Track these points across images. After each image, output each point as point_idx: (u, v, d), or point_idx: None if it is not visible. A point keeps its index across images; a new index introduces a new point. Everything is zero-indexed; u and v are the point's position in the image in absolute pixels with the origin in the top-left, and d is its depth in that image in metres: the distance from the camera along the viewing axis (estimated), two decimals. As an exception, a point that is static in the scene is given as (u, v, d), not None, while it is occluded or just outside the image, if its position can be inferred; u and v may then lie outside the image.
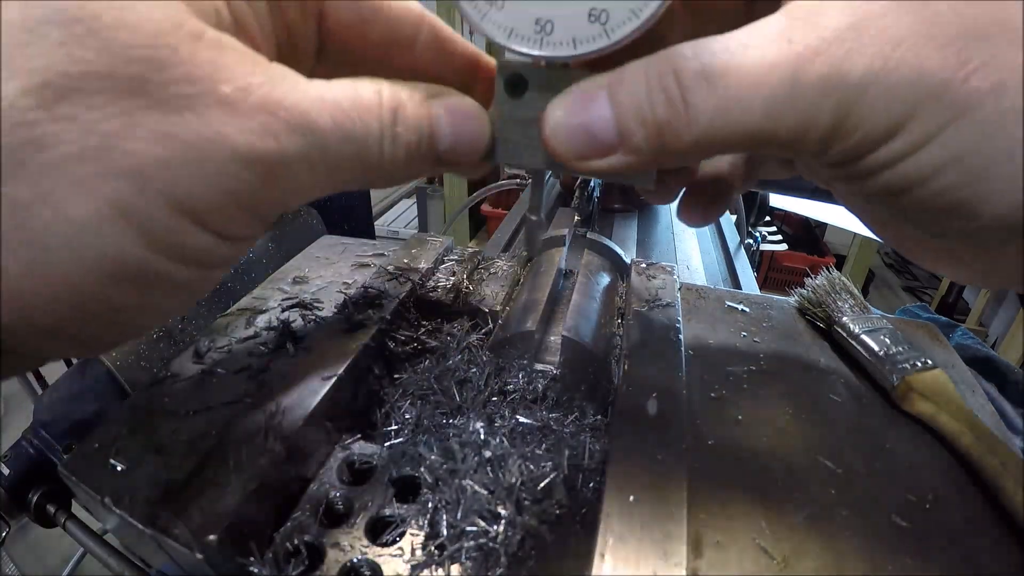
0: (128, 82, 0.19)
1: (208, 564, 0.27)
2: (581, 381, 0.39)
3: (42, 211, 0.19)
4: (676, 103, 0.24)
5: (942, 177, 0.23)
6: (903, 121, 0.23)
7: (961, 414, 0.37)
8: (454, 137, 0.27)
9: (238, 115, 0.21)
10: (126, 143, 0.19)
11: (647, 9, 0.26)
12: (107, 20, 0.19)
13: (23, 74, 0.18)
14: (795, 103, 0.23)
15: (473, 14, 0.28)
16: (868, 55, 0.22)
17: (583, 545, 0.30)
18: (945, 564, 0.30)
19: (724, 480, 0.33)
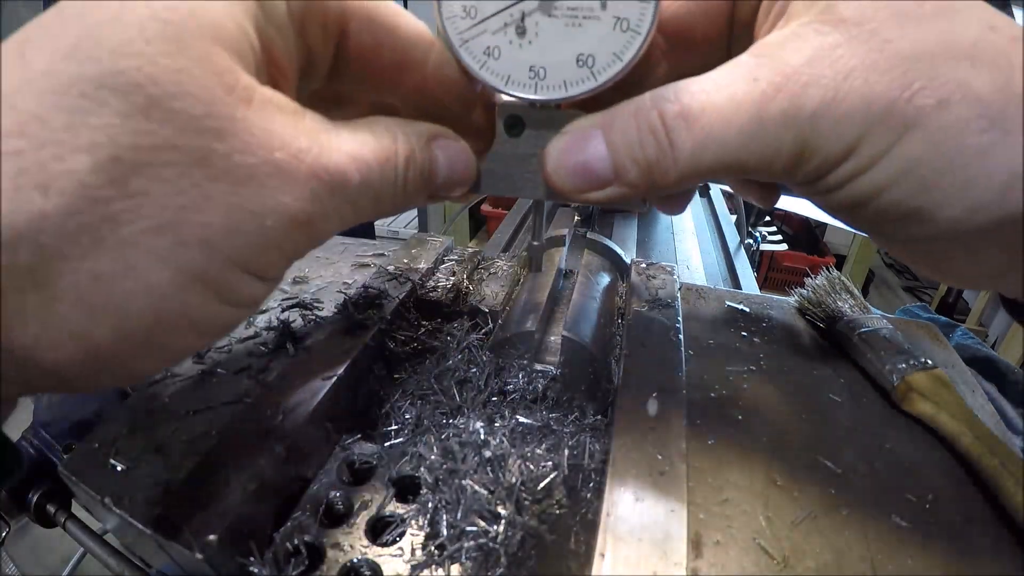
0: (194, 153, 0.20)
1: (208, 564, 0.27)
2: (581, 381, 0.39)
3: (124, 282, 0.20)
4: (663, 143, 0.27)
5: (896, 189, 0.25)
6: (855, 144, 0.25)
7: (961, 414, 0.37)
8: (448, 175, 0.30)
9: (292, 183, 0.23)
10: (197, 215, 0.21)
11: (628, 52, 0.29)
12: (166, 87, 0.20)
13: (89, 148, 0.19)
14: (761, 137, 0.26)
15: (472, 63, 0.30)
16: (822, 87, 0.25)
17: (583, 545, 0.30)
18: (945, 564, 0.30)
19: (724, 480, 0.33)
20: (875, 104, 0.24)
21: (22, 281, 0.19)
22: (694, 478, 0.33)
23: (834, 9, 0.26)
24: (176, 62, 0.20)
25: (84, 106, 0.19)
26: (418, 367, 0.40)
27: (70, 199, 0.19)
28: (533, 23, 0.30)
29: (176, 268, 0.21)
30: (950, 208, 0.25)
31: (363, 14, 0.28)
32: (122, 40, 0.20)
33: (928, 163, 0.25)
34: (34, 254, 0.19)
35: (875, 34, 0.25)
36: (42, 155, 0.19)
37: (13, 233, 0.19)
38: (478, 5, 0.30)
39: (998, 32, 0.25)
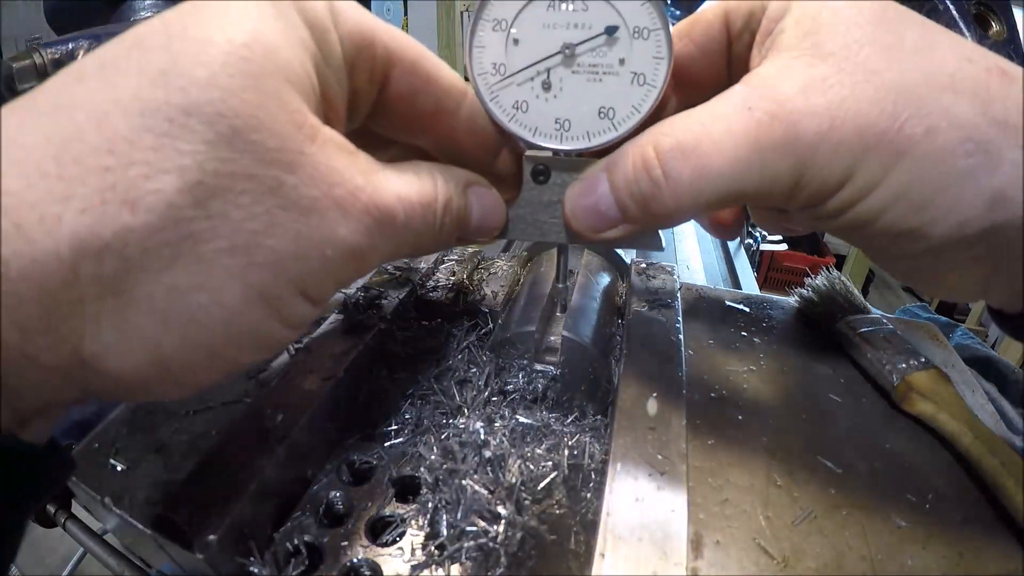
0: (267, 182, 0.22)
1: (208, 564, 0.27)
2: (581, 381, 0.39)
3: (199, 296, 0.22)
4: (657, 177, 0.29)
5: (891, 212, 0.27)
6: (851, 171, 0.27)
7: (961, 414, 0.37)
8: (480, 221, 0.32)
9: (348, 218, 0.24)
10: (268, 240, 0.22)
11: (645, 105, 0.31)
12: (247, 120, 0.22)
13: (177, 170, 0.21)
14: (759, 165, 0.27)
15: (502, 116, 0.33)
16: (816, 116, 0.26)
17: (583, 545, 0.30)
18: (945, 564, 0.30)
19: (724, 480, 0.33)
20: (867, 133, 0.26)
21: (103, 289, 0.20)
22: (694, 478, 0.33)
23: (821, 44, 0.27)
24: (255, 97, 0.22)
25: (172, 131, 0.21)
26: (418, 367, 0.40)
27: (157, 217, 0.20)
28: (558, 78, 0.32)
29: (245, 286, 0.22)
30: (942, 226, 0.27)
31: (407, 62, 0.30)
32: (208, 73, 0.21)
33: (920, 187, 0.26)
34: (117, 265, 0.20)
35: (862, 67, 0.26)
36: (131, 173, 0.20)
37: (100, 244, 0.20)
38: (507, 62, 0.32)
39: (974, 64, 0.27)
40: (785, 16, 0.30)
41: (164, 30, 0.23)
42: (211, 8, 0.23)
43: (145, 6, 0.65)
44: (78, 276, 0.20)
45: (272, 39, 0.23)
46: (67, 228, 0.20)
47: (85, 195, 0.20)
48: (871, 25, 0.27)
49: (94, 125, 0.20)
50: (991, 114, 0.26)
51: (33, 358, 0.20)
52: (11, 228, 0.19)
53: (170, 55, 0.22)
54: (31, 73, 0.50)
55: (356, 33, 0.27)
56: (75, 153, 0.20)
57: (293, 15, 0.24)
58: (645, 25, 0.31)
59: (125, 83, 0.21)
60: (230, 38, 0.22)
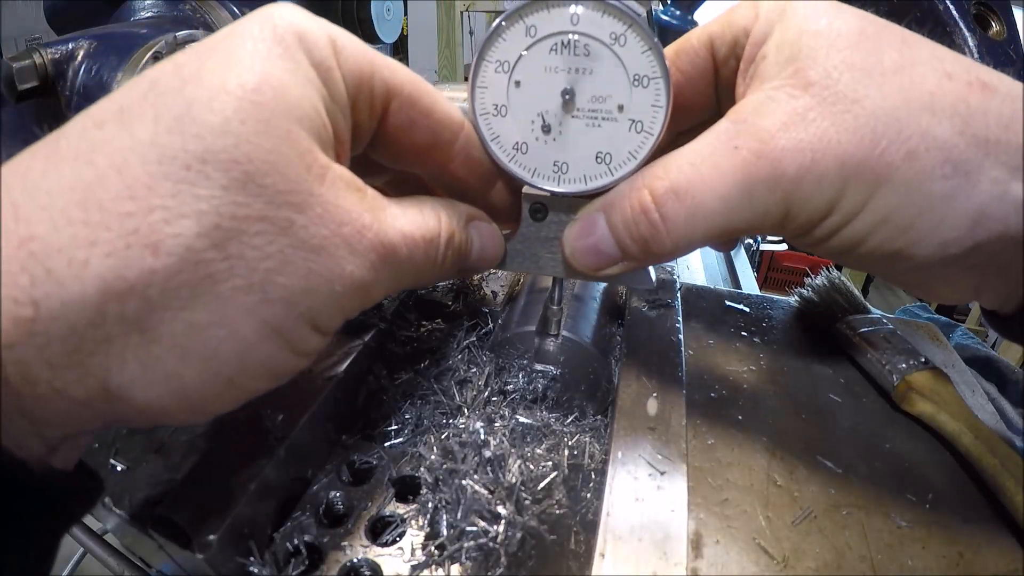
0: (280, 223, 0.23)
1: (208, 564, 0.27)
2: (581, 381, 0.39)
3: (217, 331, 0.23)
4: (655, 220, 0.30)
5: (876, 236, 0.28)
6: (835, 200, 0.28)
7: (961, 414, 0.37)
8: (480, 255, 0.34)
9: (355, 254, 0.26)
10: (280, 278, 0.24)
11: (642, 151, 0.32)
12: (259, 165, 0.23)
13: (194, 215, 0.22)
14: (748, 202, 0.28)
15: (502, 157, 0.34)
16: (799, 151, 0.27)
17: (583, 545, 0.30)
18: (945, 564, 0.30)
19: (724, 480, 0.33)
20: (848, 164, 0.27)
21: (127, 328, 0.21)
22: (694, 478, 0.33)
23: (802, 73, 0.28)
24: (267, 142, 0.23)
25: (189, 177, 0.22)
26: (418, 367, 0.40)
27: (177, 259, 0.21)
28: (557, 122, 0.33)
29: (260, 321, 0.24)
30: (926, 247, 0.28)
31: (405, 95, 0.30)
32: (221, 119, 0.22)
33: (902, 211, 0.27)
34: (141, 305, 0.21)
35: (842, 96, 0.27)
36: (152, 218, 0.21)
37: (125, 286, 0.21)
38: (508, 103, 0.33)
39: (954, 79, 0.27)
40: (767, 41, 0.31)
41: (177, 74, 0.24)
42: (222, 52, 0.24)
43: (145, 6, 0.65)
44: (104, 316, 0.21)
45: (281, 81, 0.24)
46: (94, 271, 0.21)
47: (110, 240, 0.21)
48: (850, 48, 0.28)
49: (115, 172, 0.21)
50: (971, 132, 0.26)
51: (61, 391, 0.21)
52: (41, 272, 0.20)
53: (185, 101, 0.23)
54: (31, 73, 0.50)
55: (357, 69, 0.28)
56: (99, 200, 0.21)
57: (300, 56, 0.25)
58: (645, 73, 0.31)
59: (143, 129, 0.22)
60: (241, 83, 0.23)
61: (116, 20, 0.65)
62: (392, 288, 0.29)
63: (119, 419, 0.24)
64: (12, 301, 0.20)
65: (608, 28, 0.31)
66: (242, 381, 0.25)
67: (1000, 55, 0.50)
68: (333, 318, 0.26)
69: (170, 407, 0.24)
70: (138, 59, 0.51)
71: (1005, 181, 0.26)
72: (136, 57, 0.51)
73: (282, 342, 0.25)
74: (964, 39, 0.50)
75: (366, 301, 0.28)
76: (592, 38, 0.31)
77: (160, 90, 0.23)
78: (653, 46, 0.31)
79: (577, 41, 0.32)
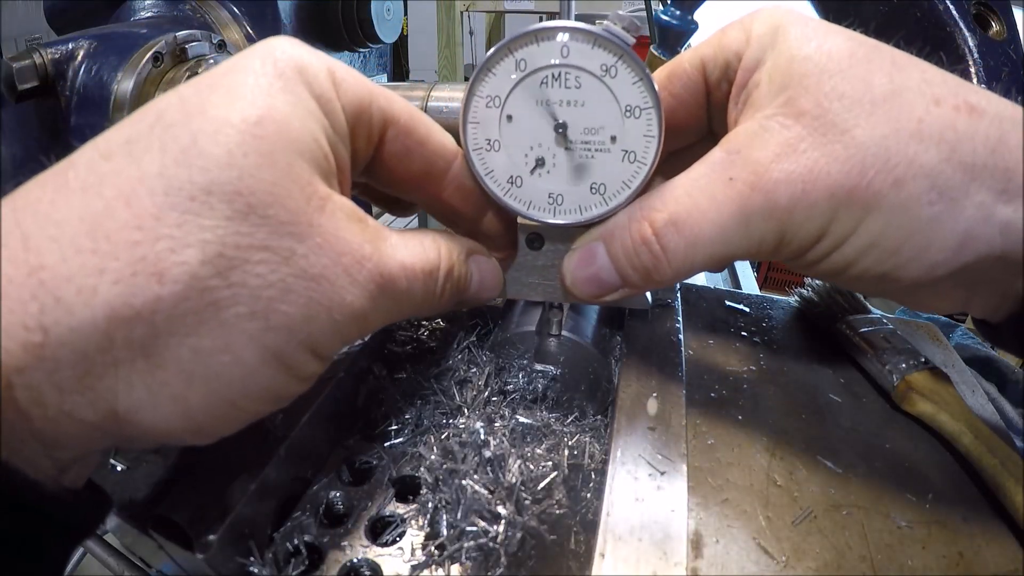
0: (281, 253, 0.24)
1: (208, 564, 0.27)
2: (581, 381, 0.39)
3: (222, 357, 0.23)
4: (656, 251, 0.31)
5: (865, 259, 0.29)
6: (826, 227, 0.29)
7: (961, 414, 0.37)
8: (478, 288, 0.35)
9: (354, 284, 0.26)
10: (282, 306, 0.24)
11: (636, 181, 0.32)
12: (261, 197, 0.24)
13: (199, 244, 0.22)
14: (744, 232, 0.30)
15: (497, 191, 0.34)
16: (791, 183, 0.28)
17: (583, 545, 0.30)
18: (945, 564, 0.30)
19: (724, 480, 0.33)
20: (838, 192, 0.28)
21: (134, 353, 0.22)
22: (694, 478, 0.33)
23: (793, 102, 0.29)
24: (269, 175, 0.24)
25: (194, 208, 0.22)
26: (418, 367, 0.40)
27: (183, 287, 0.22)
28: (551, 155, 0.33)
29: (262, 347, 0.24)
30: (913, 270, 0.29)
31: (401, 124, 0.31)
32: (225, 152, 0.23)
33: (890, 237, 0.28)
34: (147, 331, 0.22)
35: (833, 125, 0.28)
36: (158, 247, 0.22)
37: (132, 312, 0.22)
38: (501, 138, 0.33)
39: (942, 104, 0.28)
40: (759, 68, 0.31)
41: (183, 108, 0.24)
42: (225, 86, 0.25)
43: (145, 6, 0.65)
44: (112, 341, 0.22)
45: (283, 114, 0.25)
46: (102, 298, 0.21)
47: (117, 268, 0.22)
48: (840, 74, 0.29)
49: (123, 203, 0.22)
50: (957, 158, 0.27)
51: (71, 414, 0.22)
52: (51, 300, 0.21)
53: (190, 133, 0.23)
54: (31, 73, 0.50)
55: (356, 99, 0.29)
56: (107, 230, 0.22)
57: (301, 89, 0.26)
58: (637, 104, 0.31)
59: (150, 161, 0.23)
60: (244, 117, 0.24)
61: (116, 20, 0.65)
62: (391, 318, 0.30)
63: (126, 440, 0.24)
64: (22, 327, 0.20)
65: (599, 60, 0.31)
66: (245, 404, 0.25)
67: (1000, 55, 0.50)
68: (332, 345, 0.27)
69: (176, 429, 0.24)
70: (138, 59, 0.51)
71: (990, 205, 0.27)
72: (136, 57, 0.52)
73: (283, 367, 0.25)
74: (964, 39, 0.50)
75: (365, 329, 0.28)
76: (583, 70, 0.31)
77: (166, 123, 0.24)
78: (644, 76, 0.31)
79: (568, 74, 0.32)
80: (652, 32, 0.61)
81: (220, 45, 0.58)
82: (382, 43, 0.81)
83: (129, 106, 0.50)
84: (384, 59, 0.91)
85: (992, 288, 0.31)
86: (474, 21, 3.77)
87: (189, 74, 0.52)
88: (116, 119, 0.50)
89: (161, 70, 0.53)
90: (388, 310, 0.29)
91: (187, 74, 0.52)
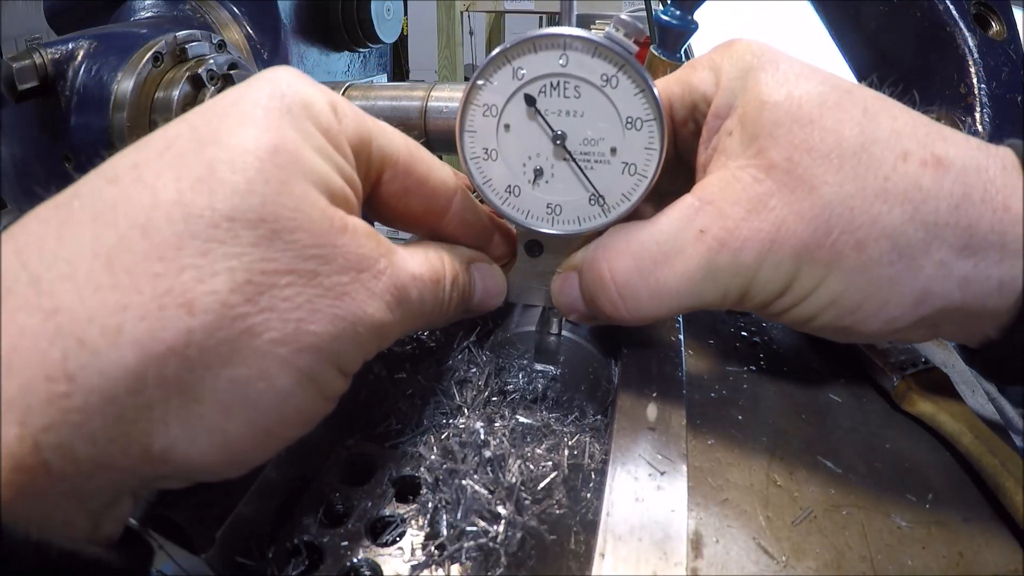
0: (307, 275, 0.24)
1: (208, 564, 0.27)
2: (581, 381, 0.39)
3: (257, 384, 0.23)
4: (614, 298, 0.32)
5: (827, 314, 0.30)
6: (788, 283, 0.30)
7: (961, 414, 0.37)
8: (483, 294, 0.35)
9: (375, 297, 0.27)
10: (311, 326, 0.24)
11: (636, 193, 0.32)
12: (285, 223, 0.23)
13: (227, 272, 0.22)
14: (710, 284, 0.30)
15: (495, 200, 0.34)
16: (759, 241, 0.29)
17: (583, 545, 0.30)
18: (945, 564, 0.30)
19: (724, 480, 0.33)
20: (803, 252, 0.29)
21: (168, 390, 0.21)
22: (694, 478, 0.33)
23: (765, 153, 0.29)
24: (289, 201, 0.24)
25: (218, 236, 0.22)
26: (418, 367, 0.40)
27: (214, 316, 0.21)
28: (549, 165, 0.32)
29: (296, 370, 0.24)
30: (872, 324, 0.30)
31: (400, 164, 0.31)
32: (245, 179, 0.23)
33: (849, 295, 0.29)
34: (181, 366, 0.21)
35: (801, 182, 0.29)
36: (184, 278, 0.21)
37: (163, 348, 0.20)
38: (499, 147, 0.32)
39: (909, 160, 0.28)
40: (731, 116, 0.31)
41: (194, 136, 0.24)
42: (235, 116, 0.25)
43: (145, 6, 0.65)
44: (144, 381, 0.20)
45: (296, 145, 0.25)
46: (129, 336, 0.20)
47: (142, 302, 0.20)
48: (812, 124, 0.29)
49: (140, 233, 0.21)
50: (920, 217, 0.28)
51: (106, 465, 0.21)
52: (74, 344, 0.19)
53: (206, 161, 0.23)
54: (31, 73, 0.50)
55: (356, 136, 0.29)
56: (125, 263, 0.21)
57: (308, 125, 0.26)
58: (639, 116, 0.31)
59: (164, 188, 0.22)
60: (260, 145, 0.24)
61: (116, 20, 0.65)
62: (404, 330, 0.30)
63: (159, 479, 0.24)
64: (45, 379, 0.19)
65: (599, 70, 0.30)
66: (279, 430, 0.25)
67: (1000, 55, 0.50)
68: (355, 360, 0.27)
69: (213, 463, 0.23)
70: (138, 59, 0.51)
71: (950, 262, 0.28)
72: (136, 57, 0.51)
73: (314, 388, 0.25)
74: (964, 39, 0.50)
75: (382, 343, 0.29)
76: (582, 80, 0.31)
77: (178, 150, 0.23)
78: (647, 88, 0.30)
79: (567, 83, 0.31)
80: (652, 32, 0.61)
81: (220, 45, 0.58)
82: (382, 43, 0.81)
83: (129, 106, 0.50)
84: (384, 59, 0.91)
85: (957, 328, 0.31)
86: (474, 21, 3.77)
87: (189, 74, 0.52)
88: (116, 119, 0.50)
89: (161, 70, 0.52)
90: (403, 321, 0.29)
91: (187, 74, 0.52)
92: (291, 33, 0.71)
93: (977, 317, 0.30)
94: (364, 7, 0.76)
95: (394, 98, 0.57)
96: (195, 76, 0.52)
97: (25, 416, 0.19)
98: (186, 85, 0.52)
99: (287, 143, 0.25)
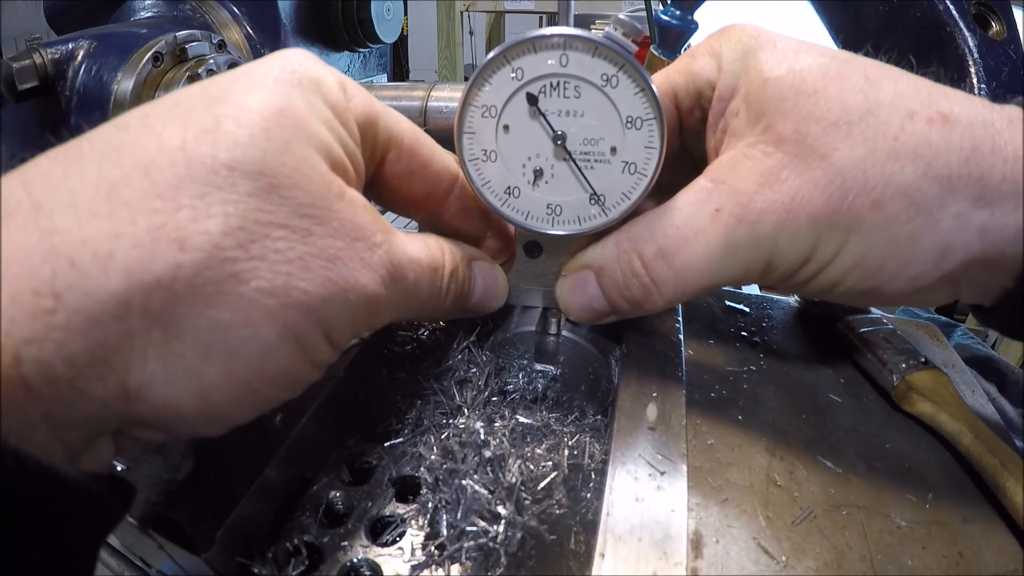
0: (300, 232, 0.24)
1: (208, 564, 0.27)
2: (581, 381, 0.39)
3: (241, 331, 0.23)
4: (647, 284, 0.32)
5: (850, 278, 0.30)
6: (810, 252, 0.30)
7: (961, 414, 0.37)
8: (483, 293, 0.35)
9: (367, 267, 0.27)
10: (300, 282, 0.24)
11: (636, 192, 0.32)
12: (283, 179, 0.24)
13: (221, 215, 0.22)
14: (732, 261, 0.31)
15: (494, 201, 0.33)
16: (775, 212, 0.29)
17: (583, 545, 0.30)
18: (945, 564, 0.30)
19: (724, 480, 0.33)
20: (820, 218, 0.29)
21: (151, 323, 0.21)
22: (694, 478, 0.33)
23: (772, 128, 0.30)
24: (290, 160, 0.25)
25: (217, 182, 0.23)
26: (418, 367, 0.40)
27: (204, 255, 0.22)
28: (549, 166, 0.32)
29: (281, 324, 0.24)
30: (896, 284, 0.30)
31: (405, 146, 0.32)
32: (248, 134, 0.24)
33: (871, 256, 0.29)
34: (166, 300, 0.21)
35: (812, 151, 0.29)
36: (179, 216, 0.22)
37: (151, 279, 0.21)
38: (498, 148, 0.32)
39: (916, 118, 0.28)
40: (735, 97, 0.32)
41: (205, 95, 0.25)
42: (246, 81, 0.26)
43: (145, 6, 0.65)
44: (128, 309, 0.21)
45: (303, 113, 0.26)
46: (119, 263, 0.21)
47: (136, 233, 0.21)
48: (816, 95, 0.29)
49: (142, 172, 0.22)
50: (932, 172, 0.28)
51: (82, 390, 0.21)
52: (64, 264, 0.20)
53: (213, 116, 0.24)
54: (31, 73, 0.50)
55: (364, 115, 0.29)
56: (125, 197, 0.21)
57: (317, 99, 0.27)
58: (638, 115, 0.31)
59: (170, 135, 0.23)
60: (266, 106, 0.25)
61: (116, 20, 0.65)
62: (398, 312, 0.30)
63: (135, 421, 0.23)
64: (33, 293, 0.19)
65: (599, 70, 0.30)
66: (259, 386, 0.25)
67: (1000, 55, 0.50)
68: (345, 330, 0.27)
69: (188, 409, 0.23)
70: (138, 59, 0.51)
71: (967, 213, 0.28)
72: (136, 57, 0.52)
73: (299, 348, 0.25)
74: (964, 39, 0.50)
75: (374, 318, 0.29)
76: (582, 80, 0.31)
77: (187, 105, 0.24)
78: (646, 87, 0.30)
79: (567, 83, 0.31)
80: (652, 32, 0.61)
81: (220, 45, 0.58)
82: (382, 43, 0.81)
83: (129, 106, 0.50)
84: (384, 59, 0.91)
85: (977, 283, 0.31)
86: (474, 21, 3.77)
87: (189, 74, 0.52)
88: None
89: (161, 70, 0.53)
90: (397, 302, 0.29)
91: (187, 74, 0.52)
92: (291, 33, 0.71)
93: (996, 268, 0.30)
94: (364, 7, 0.76)
95: (394, 98, 0.58)
96: (195, 76, 0.52)
97: (9, 327, 0.19)
98: (186, 85, 0.52)
99: (294, 109, 0.26)
